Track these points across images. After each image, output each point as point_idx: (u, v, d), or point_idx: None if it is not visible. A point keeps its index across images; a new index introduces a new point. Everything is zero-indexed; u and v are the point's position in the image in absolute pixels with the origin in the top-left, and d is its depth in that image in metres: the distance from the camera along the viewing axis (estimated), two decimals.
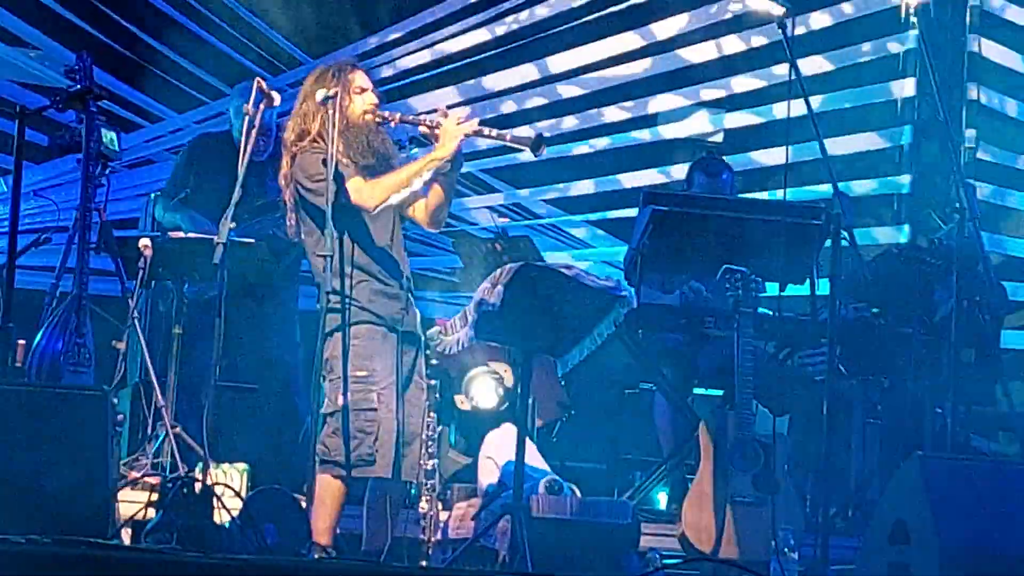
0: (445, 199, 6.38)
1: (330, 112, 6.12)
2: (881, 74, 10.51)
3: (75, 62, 7.08)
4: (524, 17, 10.56)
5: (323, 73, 6.35)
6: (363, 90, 6.33)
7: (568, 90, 10.69)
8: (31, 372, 7.06)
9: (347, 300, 6.16)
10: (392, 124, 6.35)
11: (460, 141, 6.19)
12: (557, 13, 10.51)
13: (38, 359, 6.90)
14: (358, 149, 6.25)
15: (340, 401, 6.11)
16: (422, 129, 6.30)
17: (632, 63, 10.63)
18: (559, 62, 10.62)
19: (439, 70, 10.62)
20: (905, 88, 10.47)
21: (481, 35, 10.58)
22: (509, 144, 6.33)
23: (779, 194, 7.97)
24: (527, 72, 10.68)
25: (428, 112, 6.39)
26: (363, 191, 6.18)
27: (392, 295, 6.27)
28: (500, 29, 10.58)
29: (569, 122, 10.68)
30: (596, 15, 10.42)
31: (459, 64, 10.60)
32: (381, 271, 6.27)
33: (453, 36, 10.57)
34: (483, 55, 10.56)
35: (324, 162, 6.09)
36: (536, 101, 10.69)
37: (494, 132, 6.31)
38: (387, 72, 10.56)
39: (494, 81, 10.65)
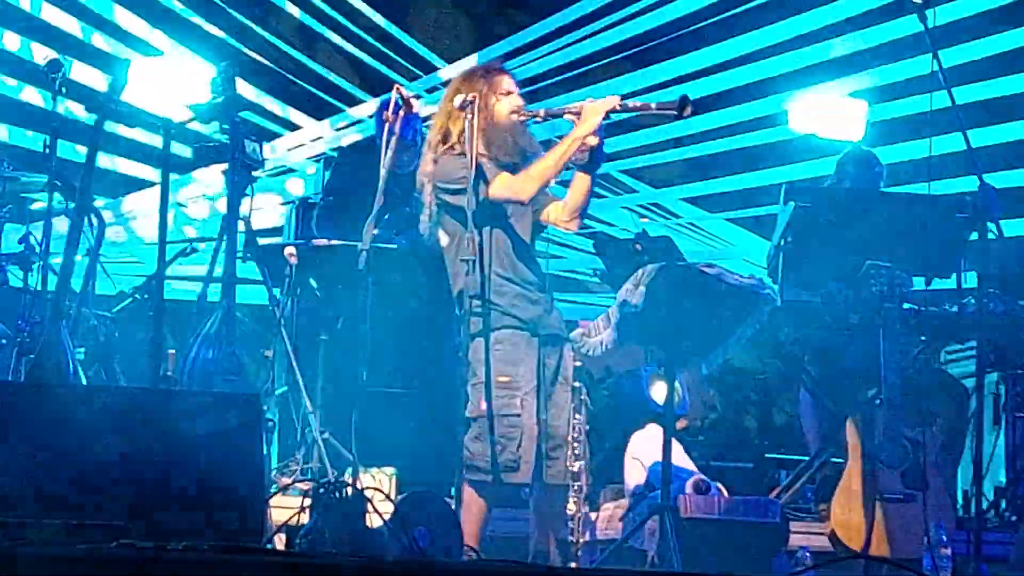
0: (584, 198, 6.34)
1: (469, 117, 6.17)
2: None
3: (219, 73, 7.17)
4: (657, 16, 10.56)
5: (470, 75, 6.41)
6: (509, 92, 6.35)
7: (702, 87, 10.65)
8: (183, 381, 7.16)
9: (489, 305, 6.18)
10: (538, 120, 6.36)
11: (602, 117, 6.14)
12: (692, 11, 10.48)
13: (190, 368, 6.99)
14: (503, 148, 6.27)
15: (483, 406, 6.13)
16: (568, 116, 6.25)
17: (765, 58, 10.58)
18: (696, 60, 10.59)
19: (573, 72, 10.64)
20: None
21: (614, 36, 10.57)
22: (655, 112, 6.35)
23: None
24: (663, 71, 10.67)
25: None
26: (514, 185, 6.21)
27: (533, 299, 6.28)
28: (634, 29, 10.57)
29: (706, 120, 10.63)
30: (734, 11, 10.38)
31: (593, 65, 10.61)
32: (522, 275, 6.29)
33: (587, 37, 10.58)
34: (617, 55, 10.56)
35: (465, 167, 6.12)
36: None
37: (638, 103, 6.31)
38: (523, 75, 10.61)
39: (631, 82, 10.65)
